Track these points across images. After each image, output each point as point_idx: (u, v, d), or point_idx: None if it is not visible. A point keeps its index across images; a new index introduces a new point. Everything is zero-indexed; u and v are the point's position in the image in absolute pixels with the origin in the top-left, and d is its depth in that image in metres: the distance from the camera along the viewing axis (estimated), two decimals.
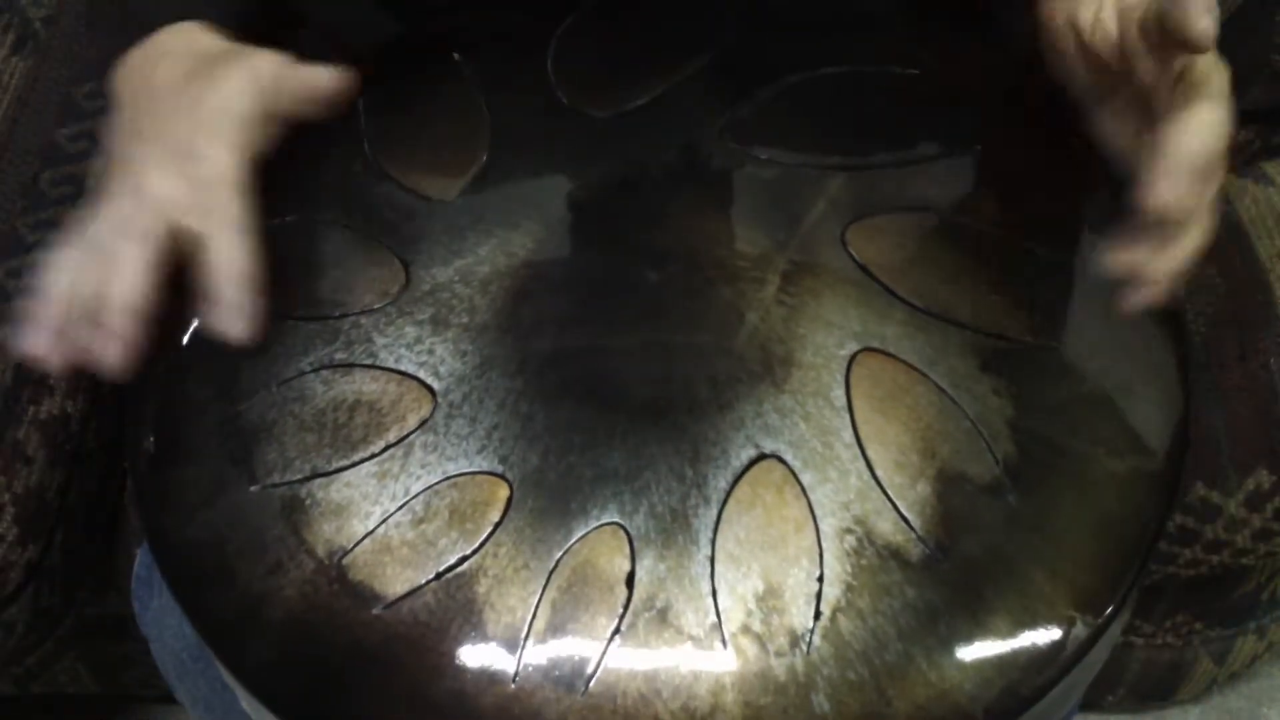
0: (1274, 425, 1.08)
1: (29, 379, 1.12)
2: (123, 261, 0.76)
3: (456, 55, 0.96)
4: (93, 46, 0.90)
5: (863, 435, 0.76)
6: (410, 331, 0.82)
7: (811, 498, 0.74)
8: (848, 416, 0.76)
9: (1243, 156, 1.28)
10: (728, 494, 0.74)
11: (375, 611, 0.72)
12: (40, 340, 0.76)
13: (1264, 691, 1.67)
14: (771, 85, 0.92)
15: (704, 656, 0.69)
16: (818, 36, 0.96)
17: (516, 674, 0.70)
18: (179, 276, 0.78)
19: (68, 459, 1.16)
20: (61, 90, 1.26)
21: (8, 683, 1.41)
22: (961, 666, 0.69)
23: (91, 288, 0.76)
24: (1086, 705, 0.83)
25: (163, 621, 1.05)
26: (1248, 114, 1.25)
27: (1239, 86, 0.78)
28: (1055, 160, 0.87)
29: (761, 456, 0.75)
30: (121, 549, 1.25)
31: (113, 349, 0.75)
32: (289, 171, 0.84)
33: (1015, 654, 0.69)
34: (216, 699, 1.04)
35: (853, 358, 0.78)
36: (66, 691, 1.47)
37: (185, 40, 0.85)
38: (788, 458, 0.75)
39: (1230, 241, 1.13)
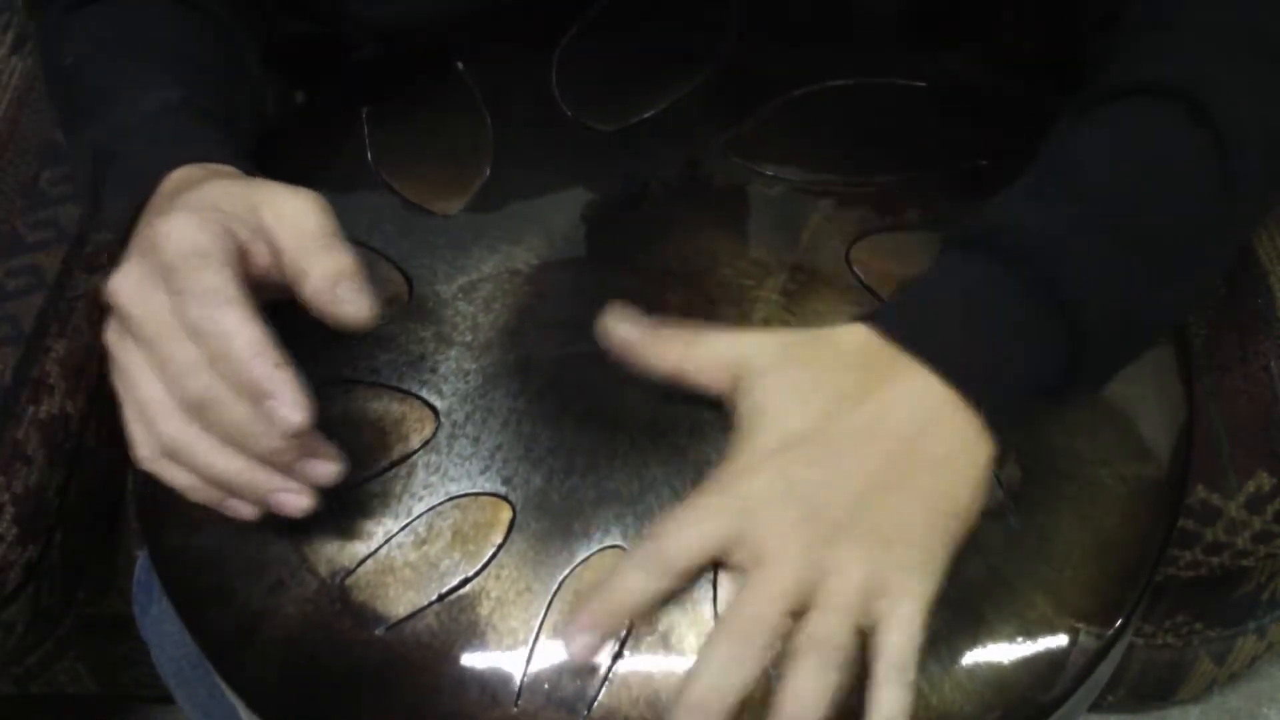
0: (1274, 427, 1.09)
1: (29, 378, 1.12)
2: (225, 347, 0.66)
3: (460, 65, 0.96)
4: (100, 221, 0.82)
5: None
6: (413, 349, 0.81)
7: None
8: None
9: None
10: None
11: (377, 632, 0.72)
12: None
13: (1264, 691, 1.67)
14: (776, 99, 0.92)
15: None
16: (822, 49, 0.96)
17: (518, 696, 0.69)
18: None
19: (67, 459, 1.15)
20: None
21: (8, 683, 1.41)
22: (962, 689, 0.69)
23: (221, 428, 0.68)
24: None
25: (162, 628, 1.05)
26: None
27: None
28: None
29: None
30: (121, 549, 1.26)
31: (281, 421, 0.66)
32: (292, 184, 0.84)
33: (1016, 677, 0.69)
34: (216, 705, 1.04)
35: None
36: (66, 691, 1.47)
37: (182, 175, 0.77)
38: None
39: None
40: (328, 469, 0.70)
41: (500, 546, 0.74)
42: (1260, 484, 1.10)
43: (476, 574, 0.73)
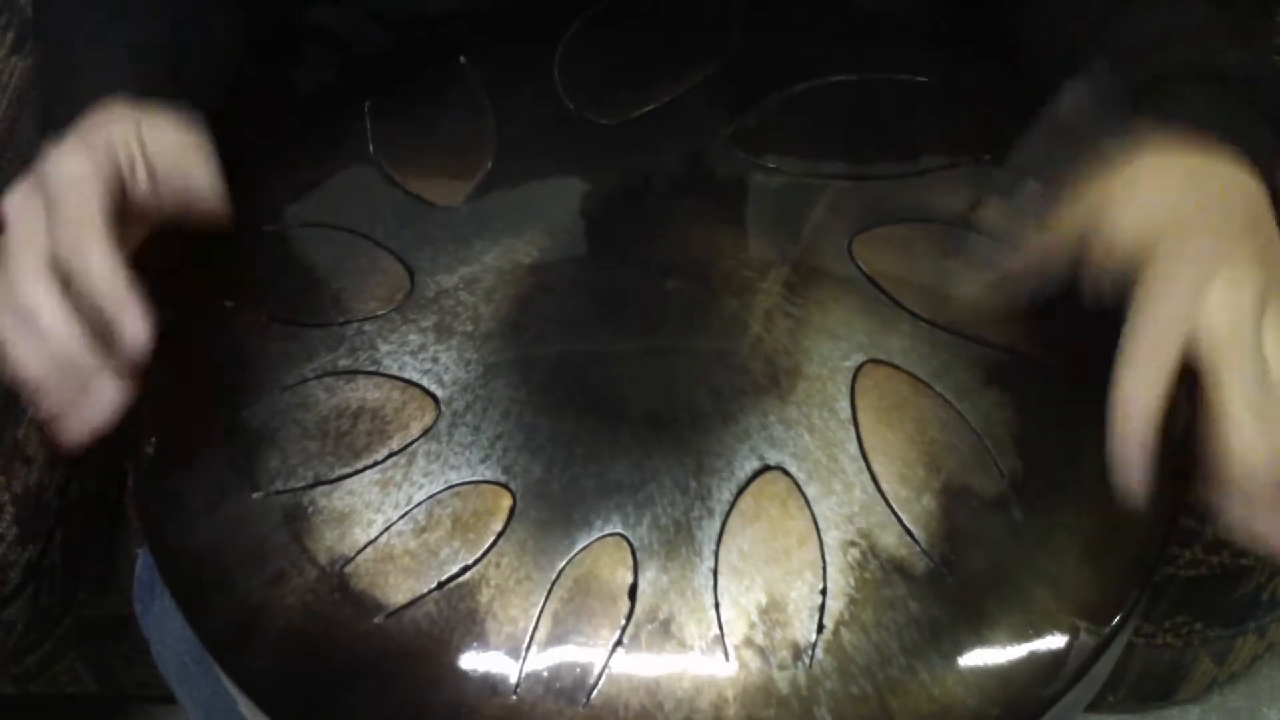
0: None
1: None
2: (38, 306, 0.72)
3: (463, 59, 0.96)
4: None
5: (867, 448, 0.75)
6: (414, 339, 0.81)
7: (815, 510, 0.73)
8: (853, 429, 0.76)
9: None
10: (731, 506, 0.74)
11: (377, 621, 0.72)
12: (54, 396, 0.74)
13: (1264, 691, 1.67)
14: (778, 94, 0.92)
15: (706, 669, 0.69)
16: (825, 44, 0.96)
17: (518, 685, 0.69)
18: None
19: (68, 459, 1.15)
20: None
21: (8, 683, 1.40)
22: (964, 681, 0.69)
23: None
24: (1087, 705, 0.83)
25: (164, 624, 1.05)
26: None
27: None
28: None
29: (765, 468, 0.75)
30: (121, 549, 1.25)
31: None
32: (294, 176, 0.84)
33: (1018, 669, 0.69)
34: (218, 702, 1.03)
35: (858, 369, 0.78)
36: (66, 691, 1.46)
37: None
38: (792, 470, 0.75)
39: None
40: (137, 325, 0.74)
41: (500, 534, 0.74)
42: None
43: (476, 562, 0.73)
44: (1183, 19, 0.86)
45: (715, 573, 0.71)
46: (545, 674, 0.70)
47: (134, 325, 0.73)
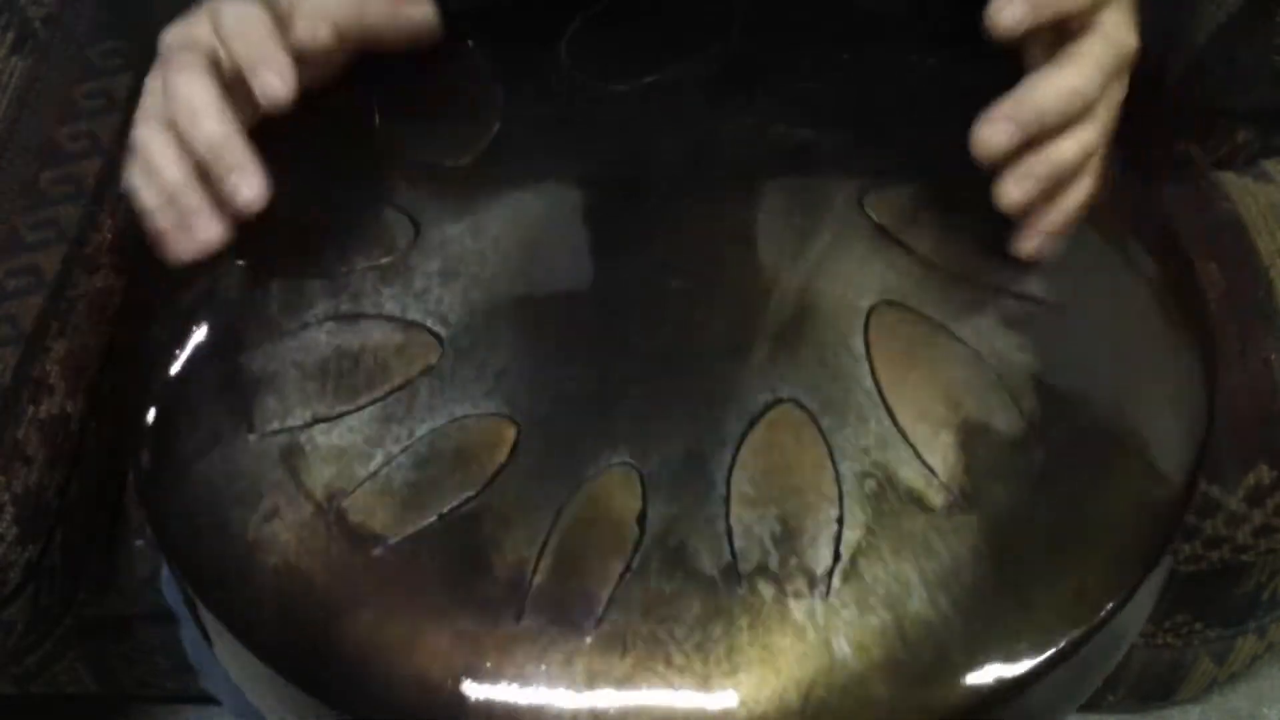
0: (1274, 421, 1.08)
1: (29, 378, 1.11)
2: (189, 102, 0.77)
3: (470, 43, 0.96)
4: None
5: (883, 383, 0.75)
6: (419, 283, 0.81)
7: (830, 441, 0.73)
8: (867, 365, 0.76)
9: (1243, 156, 1.29)
10: (743, 436, 0.73)
11: (375, 553, 0.71)
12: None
13: (1264, 691, 1.67)
14: (778, 93, 0.92)
15: (719, 596, 0.68)
16: (825, 44, 0.95)
17: (522, 614, 0.68)
18: None
19: (68, 459, 1.15)
20: (61, 90, 1.26)
21: (8, 683, 1.40)
22: (985, 615, 0.68)
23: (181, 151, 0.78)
24: (1087, 705, 0.82)
25: None
26: (1249, 114, 1.26)
27: (1240, 87, 0.80)
28: None
29: (778, 401, 0.74)
30: (121, 549, 1.25)
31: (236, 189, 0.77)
32: (299, 142, 0.84)
33: (1043, 609, 0.69)
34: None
35: (871, 309, 0.78)
36: (66, 691, 1.46)
37: None
38: (806, 402, 0.74)
39: (1231, 238, 1.13)
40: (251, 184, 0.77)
41: (504, 465, 0.73)
42: (1260, 477, 1.10)
43: (479, 493, 0.72)
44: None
45: (727, 500, 0.71)
46: (550, 602, 0.69)
47: (248, 185, 0.76)
